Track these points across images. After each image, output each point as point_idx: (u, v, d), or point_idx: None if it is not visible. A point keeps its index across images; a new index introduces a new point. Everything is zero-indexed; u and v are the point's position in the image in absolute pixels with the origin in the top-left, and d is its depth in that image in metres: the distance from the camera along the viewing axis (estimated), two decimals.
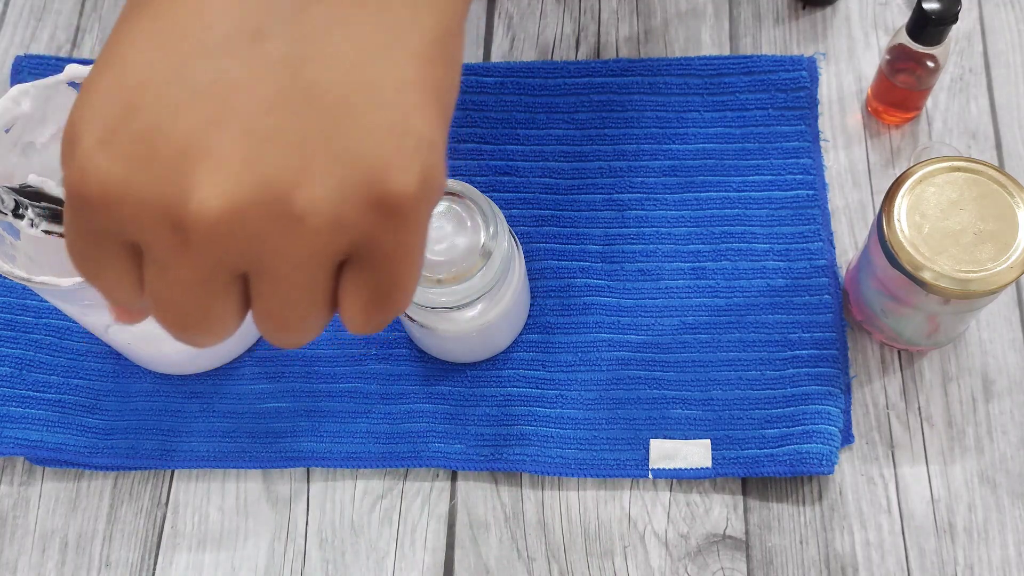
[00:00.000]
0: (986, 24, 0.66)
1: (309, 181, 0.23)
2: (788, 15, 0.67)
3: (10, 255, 0.50)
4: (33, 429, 0.57)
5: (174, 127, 0.23)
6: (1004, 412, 0.56)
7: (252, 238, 0.24)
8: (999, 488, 0.54)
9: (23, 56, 0.67)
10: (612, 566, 0.53)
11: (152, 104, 0.24)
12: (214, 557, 0.55)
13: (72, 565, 0.55)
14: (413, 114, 0.25)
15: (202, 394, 0.58)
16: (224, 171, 0.23)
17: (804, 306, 0.58)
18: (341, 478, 0.56)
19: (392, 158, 0.24)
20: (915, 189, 0.51)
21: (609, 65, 0.64)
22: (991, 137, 0.62)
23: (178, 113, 0.23)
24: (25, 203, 0.47)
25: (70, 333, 0.59)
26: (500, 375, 0.57)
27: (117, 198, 0.23)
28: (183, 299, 0.25)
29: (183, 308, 0.25)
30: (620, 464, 0.55)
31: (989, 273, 0.49)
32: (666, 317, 0.58)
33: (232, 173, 0.23)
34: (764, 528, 0.54)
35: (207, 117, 0.23)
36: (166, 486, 0.57)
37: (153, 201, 0.23)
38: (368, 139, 0.24)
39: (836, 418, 0.55)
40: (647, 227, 0.60)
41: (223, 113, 0.23)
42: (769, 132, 0.62)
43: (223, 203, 0.23)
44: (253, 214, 0.23)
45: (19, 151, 0.51)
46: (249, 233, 0.24)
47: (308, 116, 0.24)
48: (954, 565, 0.53)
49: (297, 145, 0.24)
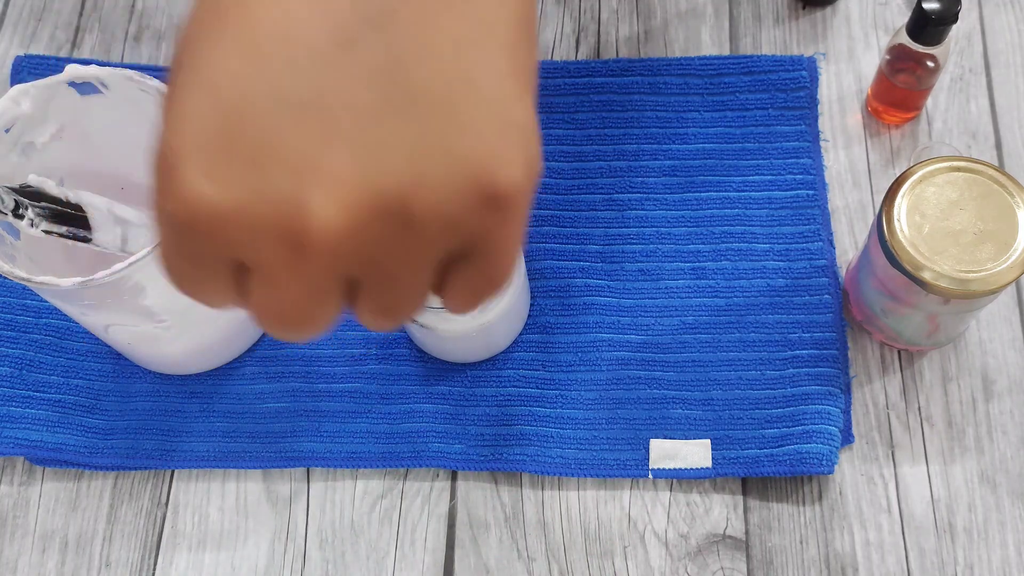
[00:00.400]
0: (986, 24, 0.66)
1: (422, 186, 0.23)
2: (788, 15, 0.67)
3: (10, 255, 0.50)
4: (33, 429, 0.57)
5: (281, 147, 0.23)
6: (1004, 412, 0.56)
7: (370, 248, 0.24)
8: (999, 488, 0.54)
9: (23, 56, 0.67)
10: (612, 566, 0.53)
11: (254, 125, 0.23)
12: (214, 557, 0.55)
13: (72, 565, 0.55)
14: (512, 105, 0.25)
15: (202, 394, 0.58)
16: (339, 187, 0.23)
17: (804, 306, 0.58)
18: (341, 478, 0.56)
19: (499, 153, 0.24)
20: (915, 189, 0.51)
21: (609, 65, 0.64)
22: (991, 137, 0.62)
23: (283, 132, 0.23)
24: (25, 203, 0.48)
25: (70, 333, 0.59)
26: (500, 375, 0.57)
27: (229, 224, 0.23)
28: (291, 308, 0.25)
29: (289, 315, 0.25)
30: (620, 464, 0.55)
31: (989, 273, 0.49)
32: (666, 317, 0.58)
33: (347, 188, 0.23)
34: (764, 528, 0.54)
35: (313, 133, 0.23)
36: (166, 486, 0.57)
37: (268, 224, 0.23)
38: (474, 137, 0.24)
39: (836, 418, 0.55)
40: (647, 227, 0.60)
41: (329, 127, 0.23)
42: (769, 132, 0.62)
43: (342, 219, 0.23)
44: (372, 226, 0.23)
45: (19, 151, 0.51)
46: (367, 244, 0.24)
47: (412, 120, 0.23)
48: (954, 565, 0.53)
49: (406, 151, 0.23)
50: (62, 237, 0.49)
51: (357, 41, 0.23)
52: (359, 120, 0.23)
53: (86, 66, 0.50)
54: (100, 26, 0.69)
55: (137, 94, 0.51)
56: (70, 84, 0.51)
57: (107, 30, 0.69)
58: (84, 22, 0.69)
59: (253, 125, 0.23)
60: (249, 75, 0.23)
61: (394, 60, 0.23)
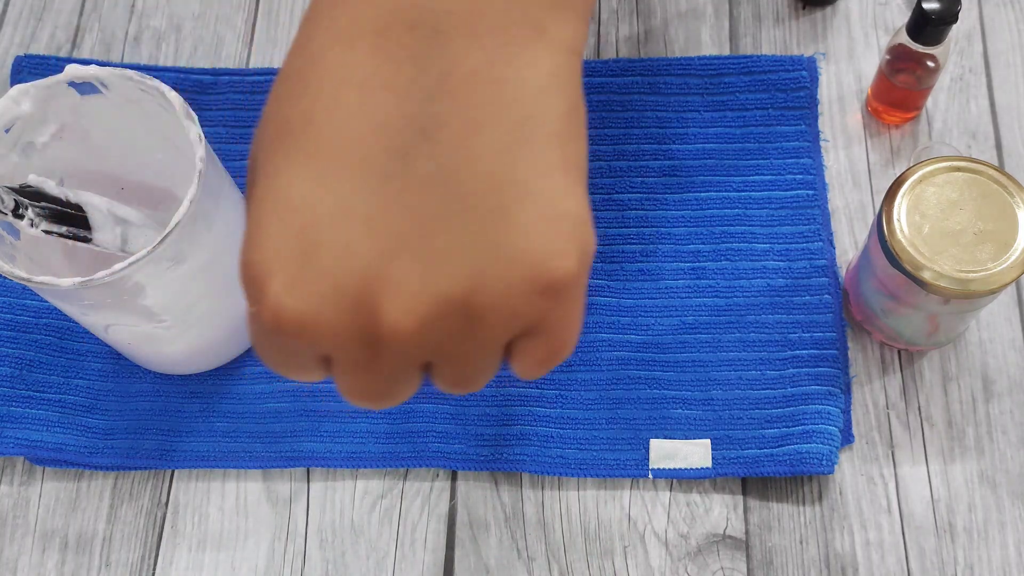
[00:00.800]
0: (986, 24, 0.66)
1: (481, 286, 0.25)
2: (788, 15, 0.67)
3: (10, 255, 0.50)
4: (33, 429, 0.57)
5: (352, 263, 0.25)
6: (1004, 412, 0.56)
7: (439, 340, 0.26)
8: (999, 488, 0.54)
9: (23, 56, 0.67)
10: (612, 566, 0.53)
11: (327, 244, 0.25)
12: (214, 557, 0.55)
13: (72, 565, 0.55)
14: (562, 198, 0.26)
15: (202, 394, 0.58)
16: (405, 294, 0.25)
17: (804, 306, 0.58)
18: (341, 478, 0.56)
19: (552, 247, 0.26)
20: (915, 189, 0.51)
21: (609, 65, 0.64)
22: (991, 137, 0.62)
23: (352, 249, 0.25)
24: (25, 203, 0.48)
25: (70, 333, 0.59)
26: (500, 375, 0.57)
27: (310, 330, 0.26)
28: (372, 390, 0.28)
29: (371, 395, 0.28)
30: (620, 464, 0.55)
31: (989, 273, 0.49)
32: (666, 317, 0.58)
33: (412, 295, 0.25)
34: (764, 528, 0.54)
35: (379, 248, 0.25)
36: (166, 486, 0.57)
37: (345, 329, 0.26)
38: (527, 235, 0.25)
39: (836, 418, 0.55)
40: (647, 227, 0.60)
41: (393, 241, 0.25)
42: (769, 132, 0.62)
43: (410, 322, 0.25)
44: (438, 324, 0.26)
45: (19, 151, 0.51)
46: (436, 338, 0.26)
47: (468, 224, 0.25)
48: (954, 565, 0.53)
49: (464, 256, 0.25)
50: (62, 237, 0.49)
51: (411, 153, 0.25)
52: (419, 228, 0.25)
53: (86, 66, 0.50)
54: (100, 26, 0.69)
55: (137, 94, 0.51)
56: (70, 84, 0.51)
57: (107, 30, 0.69)
58: (84, 22, 0.69)
59: (326, 241, 0.25)
60: (318, 195, 0.25)
61: (446, 168, 0.25)
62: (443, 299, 0.25)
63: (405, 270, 0.25)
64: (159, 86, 0.50)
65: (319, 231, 0.25)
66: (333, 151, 0.25)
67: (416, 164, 0.25)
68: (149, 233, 0.52)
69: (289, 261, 0.25)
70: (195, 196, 0.46)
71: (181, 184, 0.54)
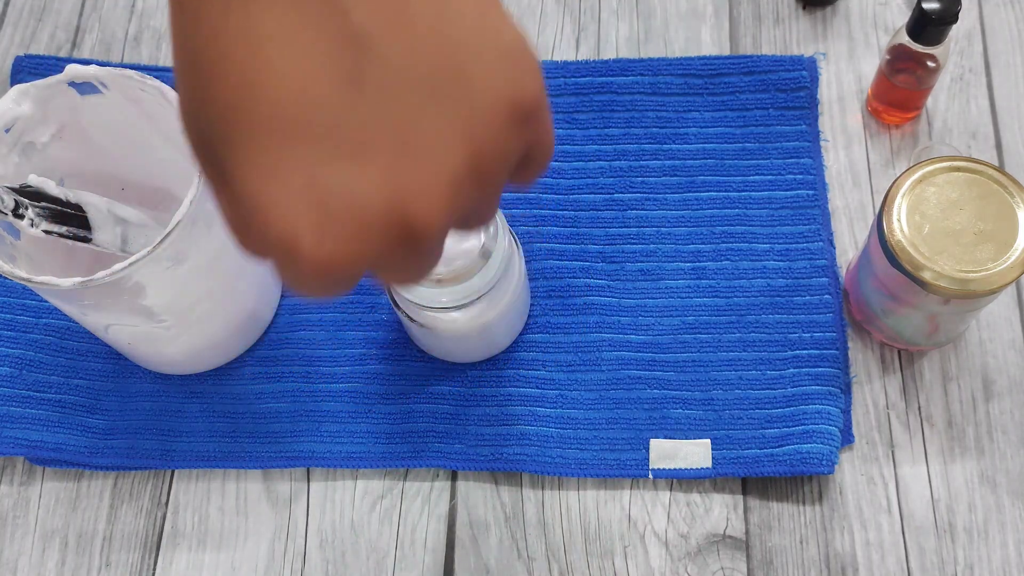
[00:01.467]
0: (986, 24, 0.66)
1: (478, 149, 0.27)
2: (788, 15, 0.67)
3: (10, 255, 0.50)
4: (33, 429, 0.57)
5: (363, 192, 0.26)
6: (1004, 412, 0.56)
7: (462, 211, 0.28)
8: (999, 488, 0.54)
9: (23, 56, 0.67)
10: (612, 566, 0.53)
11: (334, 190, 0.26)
12: (214, 557, 0.55)
13: (72, 565, 0.55)
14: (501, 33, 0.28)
15: (202, 394, 0.58)
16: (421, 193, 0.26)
17: (804, 306, 0.58)
18: (341, 478, 0.56)
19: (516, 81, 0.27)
20: (915, 189, 0.51)
21: (609, 65, 0.64)
22: (991, 137, 0.62)
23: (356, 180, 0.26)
24: (25, 203, 0.48)
25: (70, 333, 0.59)
26: (500, 375, 0.57)
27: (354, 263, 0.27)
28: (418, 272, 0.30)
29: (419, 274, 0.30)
30: (620, 464, 0.55)
31: (989, 273, 0.49)
32: (666, 317, 0.58)
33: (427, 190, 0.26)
34: (764, 528, 0.54)
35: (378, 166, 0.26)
36: (166, 486, 0.57)
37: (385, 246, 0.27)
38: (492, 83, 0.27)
39: (836, 418, 0.55)
40: (647, 227, 0.60)
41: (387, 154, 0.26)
42: (769, 132, 0.62)
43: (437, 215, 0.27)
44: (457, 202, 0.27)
45: (19, 151, 0.51)
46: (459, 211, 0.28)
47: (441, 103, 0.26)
48: (954, 565, 0.53)
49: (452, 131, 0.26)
50: (62, 237, 0.49)
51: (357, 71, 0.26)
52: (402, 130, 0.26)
53: (86, 66, 0.50)
54: (100, 26, 0.69)
55: (137, 94, 0.51)
56: (70, 84, 0.51)
57: (107, 30, 0.69)
58: (84, 22, 0.69)
59: (332, 187, 0.26)
60: (300, 154, 0.26)
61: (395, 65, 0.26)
62: (453, 178, 0.27)
63: (410, 171, 0.26)
64: (159, 86, 0.50)
65: (321, 182, 0.26)
66: (294, 113, 0.26)
67: (367, 78, 0.26)
68: (149, 233, 0.52)
69: (313, 221, 0.26)
70: (195, 196, 0.46)
71: (181, 184, 0.54)
